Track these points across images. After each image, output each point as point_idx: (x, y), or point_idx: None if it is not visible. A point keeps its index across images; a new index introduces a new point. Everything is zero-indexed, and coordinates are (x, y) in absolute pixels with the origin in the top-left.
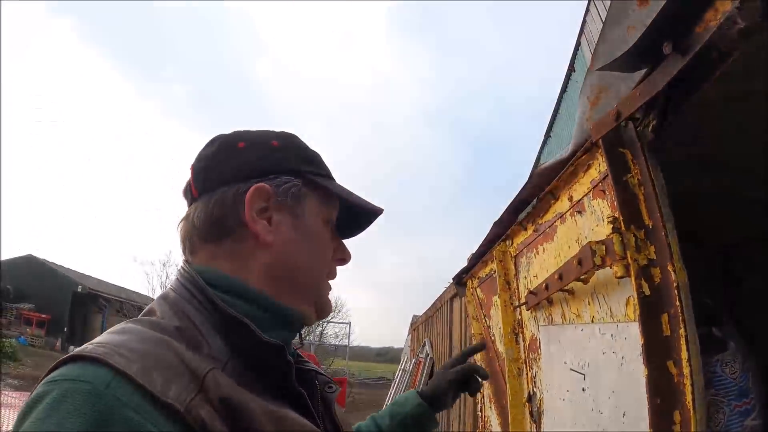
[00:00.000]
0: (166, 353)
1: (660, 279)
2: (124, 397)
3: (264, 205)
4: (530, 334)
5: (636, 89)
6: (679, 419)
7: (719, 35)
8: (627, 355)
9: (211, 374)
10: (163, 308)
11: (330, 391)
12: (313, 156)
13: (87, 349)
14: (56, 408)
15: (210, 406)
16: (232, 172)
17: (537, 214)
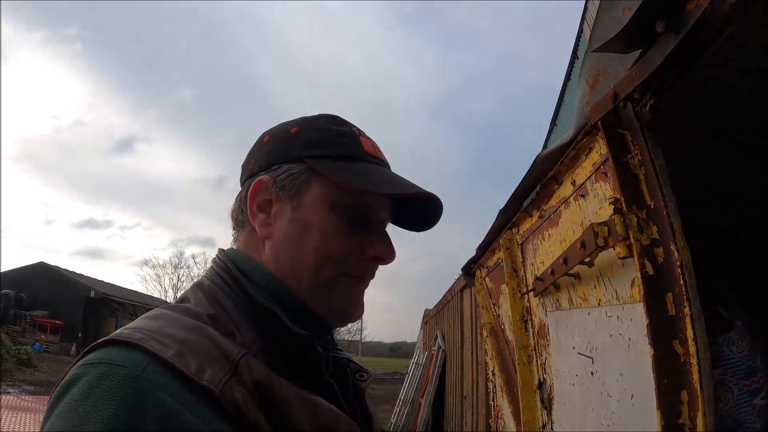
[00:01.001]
0: (201, 338)
1: (663, 258)
2: (159, 382)
3: (267, 198)
4: (539, 321)
5: (632, 69)
6: (687, 398)
7: (711, 11)
8: (633, 336)
9: (244, 359)
10: (197, 296)
11: (361, 380)
12: (328, 137)
13: (123, 334)
14: (92, 390)
15: (244, 390)
16: (252, 166)
17: (541, 200)
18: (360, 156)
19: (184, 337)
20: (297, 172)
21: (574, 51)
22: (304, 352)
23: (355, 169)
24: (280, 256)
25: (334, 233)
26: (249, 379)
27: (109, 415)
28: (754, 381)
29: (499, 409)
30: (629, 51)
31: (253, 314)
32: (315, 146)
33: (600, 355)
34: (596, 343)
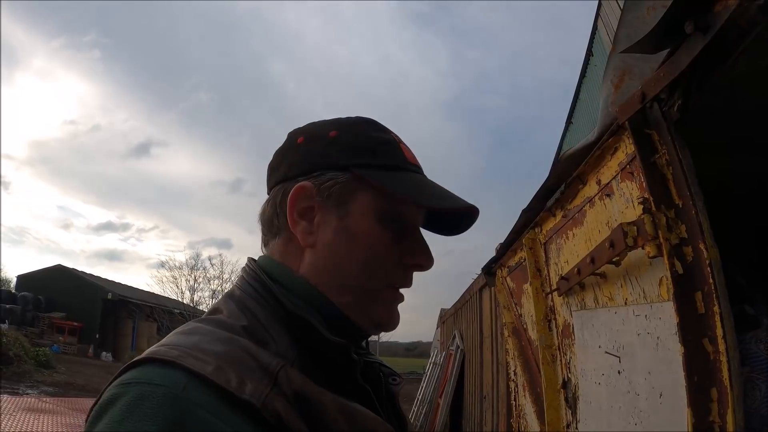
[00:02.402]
0: (238, 351)
1: (692, 257)
2: (199, 400)
3: (309, 204)
4: (563, 320)
5: (660, 70)
6: (717, 396)
7: (739, 12)
8: (662, 335)
9: (283, 370)
10: (229, 307)
11: (394, 383)
12: (373, 144)
13: (160, 352)
14: (132, 411)
15: (285, 400)
16: (285, 170)
17: (565, 199)
18: (404, 165)
19: (221, 351)
20: (343, 182)
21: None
22: (339, 359)
23: (403, 181)
24: (323, 266)
25: (381, 244)
26: (289, 390)
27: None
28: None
29: (521, 408)
30: (657, 51)
31: (286, 322)
32: (360, 154)
33: (627, 353)
34: (623, 342)
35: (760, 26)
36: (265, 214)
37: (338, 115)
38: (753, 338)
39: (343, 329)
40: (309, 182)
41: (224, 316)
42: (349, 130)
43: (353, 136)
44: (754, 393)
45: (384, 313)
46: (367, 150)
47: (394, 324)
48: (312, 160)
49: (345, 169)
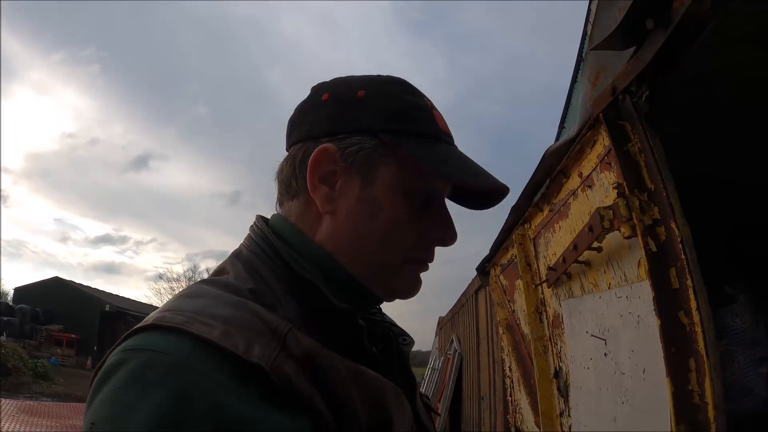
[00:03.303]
0: (246, 315)
1: (665, 236)
2: (204, 368)
3: (332, 168)
4: (553, 311)
5: (627, 65)
6: (694, 366)
7: (694, 7)
8: (642, 313)
9: (291, 332)
10: (236, 268)
11: (404, 343)
12: (406, 109)
13: (165, 318)
14: (135, 379)
15: (294, 363)
16: (307, 128)
17: (551, 194)
18: (436, 134)
19: (229, 315)
20: (370, 148)
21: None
22: (345, 325)
23: (435, 152)
24: (341, 236)
25: (404, 218)
26: (298, 352)
27: (154, 405)
28: (759, 350)
29: (516, 403)
30: (624, 48)
31: (294, 286)
32: (390, 119)
33: (612, 335)
34: (608, 325)
35: (715, 19)
36: (283, 174)
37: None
38: (729, 312)
39: (355, 294)
40: (333, 145)
41: (231, 277)
42: (379, 91)
43: (383, 99)
44: (733, 364)
45: (403, 284)
46: (398, 115)
47: (414, 293)
48: (337, 121)
49: (372, 134)
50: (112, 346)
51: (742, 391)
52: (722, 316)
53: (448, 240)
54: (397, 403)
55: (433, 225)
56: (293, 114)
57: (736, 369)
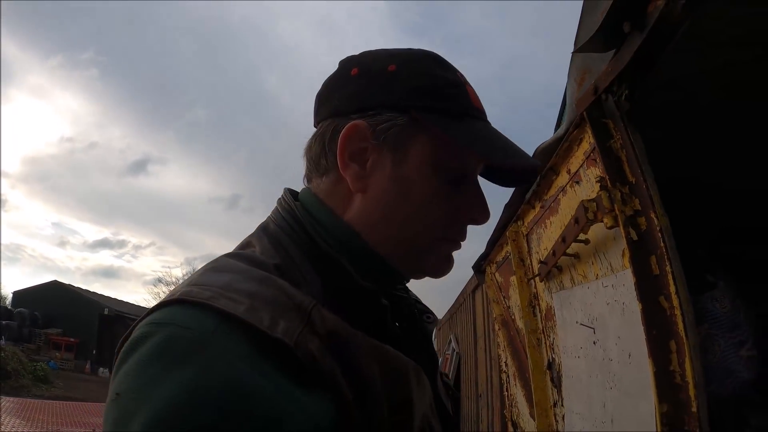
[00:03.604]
0: (272, 290)
1: (646, 226)
2: (228, 344)
3: (362, 146)
4: (545, 304)
5: (608, 65)
6: (675, 348)
7: (668, 10)
8: (626, 300)
9: (316, 309)
10: (263, 242)
11: (428, 321)
12: (439, 84)
13: (192, 293)
14: (160, 353)
15: (318, 339)
16: (336, 104)
17: (542, 190)
18: (470, 111)
19: (254, 290)
20: (402, 125)
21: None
22: (368, 304)
23: (469, 130)
24: (372, 214)
25: (436, 198)
26: (322, 329)
27: (179, 378)
28: (739, 334)
29: (512, 398)
30: (605, 50)
31: (319, 263)
32: (423, 95)
33: (600, 324)
34: (596, 314)
35: (688, 21)
36: (312, 151)
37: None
38: (709, 298)
39: (380, 273)
40: (363, 121)
41: (257, 251)
42: (412, 65)
43: (416, 74)
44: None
45: (434, 263)
46: (431, 91)
47: (444, 273)
48: (367, 97)
49: (404, 111)
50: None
51: (723, 373)
52: (703, 302)
53: (480, 219)
54: (417, 382)
55: (466, 203)
56: (321, 89)
57: (717, 352)
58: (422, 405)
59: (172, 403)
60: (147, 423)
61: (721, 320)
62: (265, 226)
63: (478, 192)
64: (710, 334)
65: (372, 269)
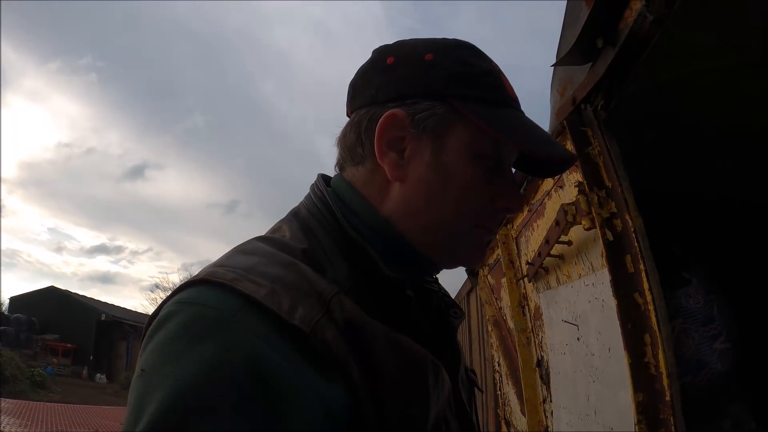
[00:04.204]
0: (295, 276)
1: (621, 227)
2: (250, 325)
3: (400, 135)
4: (534, 304)
5: (584, 78)
6: (650, 340)
7: (636, 27)
8: (605, 297)
9: (336, 297)
10: (293, 227)
11: (455, 316)
12: (475, 73)
13: (217, 274)
14: (184, 330)
15: (335, 328)
16: (372, 93)
17: (529, 195)
18: (505, 100)
19: (278, 275)
20: (441, 113)
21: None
22: (392, 293)
23: (506, 119)
24: (413, 202)
25: (475, 184)
26: (340, 318)
27: (201, 356)
28: (712, 328)
29: (505, 396)
30: (582, 63)
31: (347, 249)
32: (461, 84)
33: (583, 320)
34: (579, 311)
35: (656, 37)
36: (347, 140)
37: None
38: (683, 294)
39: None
40: (401, 110)
41: (287, 236)
42: (448, 54)
43: (453, 62)
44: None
45: (469, 252)
46: (469, 79)
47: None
48: (405, 86)
49: (442, 99)
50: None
51: (698, 365)
52: (677, 298)
53: (514, 207)
54: (435, 376)
55: (502, 193)
56: (355, 78)
57: (691, 345)
58: (439, 400)
59: (194, 378)
60: (169, 397)
61: (695, 315)
62: (296, 211)
63: (513, 181)
64: (684, 329)
65: (403, 258)
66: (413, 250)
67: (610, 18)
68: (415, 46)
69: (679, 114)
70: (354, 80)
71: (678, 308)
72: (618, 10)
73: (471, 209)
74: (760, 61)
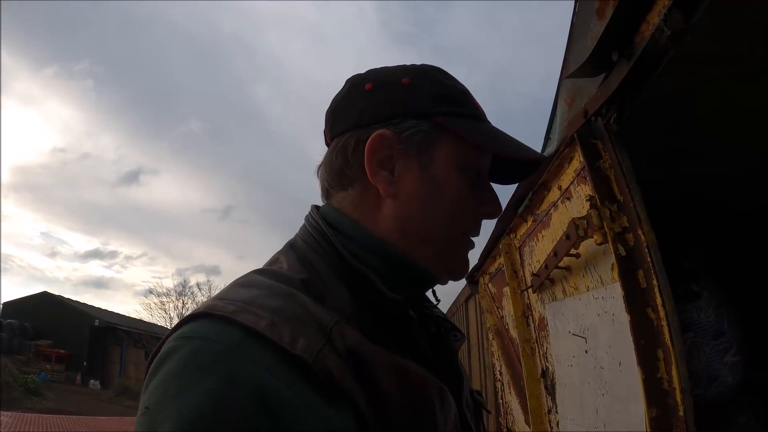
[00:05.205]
0: (295, 307)
1: (633, 242)
2: (253, 356)
3: (388, 154)
4: (538, 315)
5: (597, 90)
6: (662, 355)
7: (653, 42)
8: (616, 311)
9: (337, 326)
10: (290, 258)
11: (455, 339)
12: (451, 93)
13: (217, 307)
14: (187, 365)
15: (337, 357)
16: (356, 117)
17: (534, 205)
18: (478, 115)
19: (278, 306)
20: (426, 130)
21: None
22: (396, 315)
23: (483, 130)
24: (406, 217)
25: (462, 193)
26: (342, 347)
27: (206, 389)
28: (723, 341)
29: (507, 405)
30: (594, 76)
31: (346, 276)
32: (440, 102)
33: (591, 333)
34: (587, 324)
35: (672, 51)
36: (334, 165)
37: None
38: (694, 308)
39: (413, 279)
40: (388, 130)
41: (284, 267)
42: (424, 77)
43: (430, 84)
44: (700, 355)
45: (460, 261)
46: (447, 98)
47: (466, 271)
48: (389, 107)
49: (426, 117)
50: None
51: (709, 378)
52: (689, 312)
53: (496, 212)
54: (441, 400)
55: (484, 200)
56: (332, 106)
57: (703, 359)
58: (445, 424)
59: (198, 413)
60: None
61: (706, 329)
62: (293, 242)
63: (491, 188)
64: (695, 342)
65: (402, 276)
66: (413, 265)
67: (625, 31)
68: (390, 72)
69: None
70: (332, 108)
71: (690, 322)
72: (634, 23)
73: (463, 217)
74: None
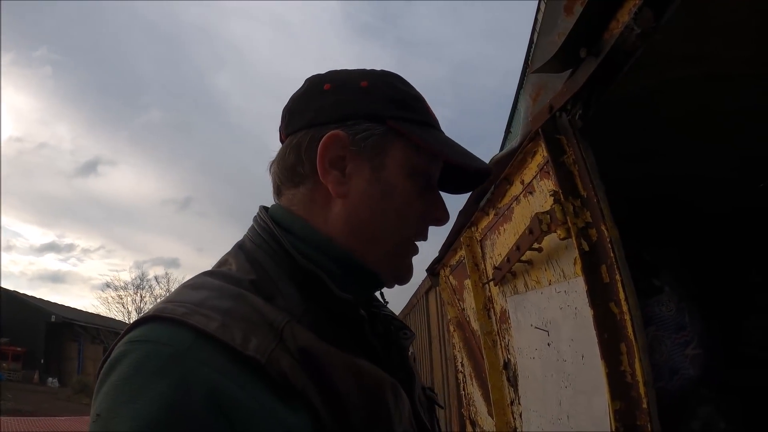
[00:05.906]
0: (245, 308)
1: (596, 237)
2: (204, 358)
3: (340, 154)
4: (500, 307)
5: (563, 86)
6: (625, 349)
7: (622, 39)
8: (579, 305)
9: (288, 326)
10: (239, 259)
11: (405, 337)
12: (406, 99)
13: (167, 310)
14: (138, 369)
15: (290, 357)
16: (312, 116)
17: (496, 199)
18: (431, 122)
19: (228, 307)
20: (379, 133)
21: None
22: (347, 314)
23: (435, 137)
24: (354, 217)
25: (413, 198)
26: (294, 346)
27: (158, 393)
28: (684, 335)
29: (470, 396)
30: (561, 72)
31: (296, 276)
32: (395, 106)
33: (554, 327)
34: (550, 318)
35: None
36: (286, 161)
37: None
38: (656, 302)
39: (361, 279)
40: (342, 131)
41: (233, 268)
42: (381, 81)
43: (387, 88)
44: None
45: (404, 266)
46: (401, 103)
47: (410, 277)
48: (345, 109)
49: (381, 121)
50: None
51: (670, 371)
52: (650, 306)
53: (443, 218)
54: (395, 397)
55: (433, 206)
56: (289, 103)
57: (664, 352)
58: (400, 420)
59: (152, 419)
60: None
61: (668, 322)
62: (241, 243)
63: (440, 195)
64: (657, 336)
65: (351, 277)
66: (360, 266)
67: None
68: (349, 75)
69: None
70: (289, 105)
71: (651, 316)
72: (604, 20)
73: (410, 221)
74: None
